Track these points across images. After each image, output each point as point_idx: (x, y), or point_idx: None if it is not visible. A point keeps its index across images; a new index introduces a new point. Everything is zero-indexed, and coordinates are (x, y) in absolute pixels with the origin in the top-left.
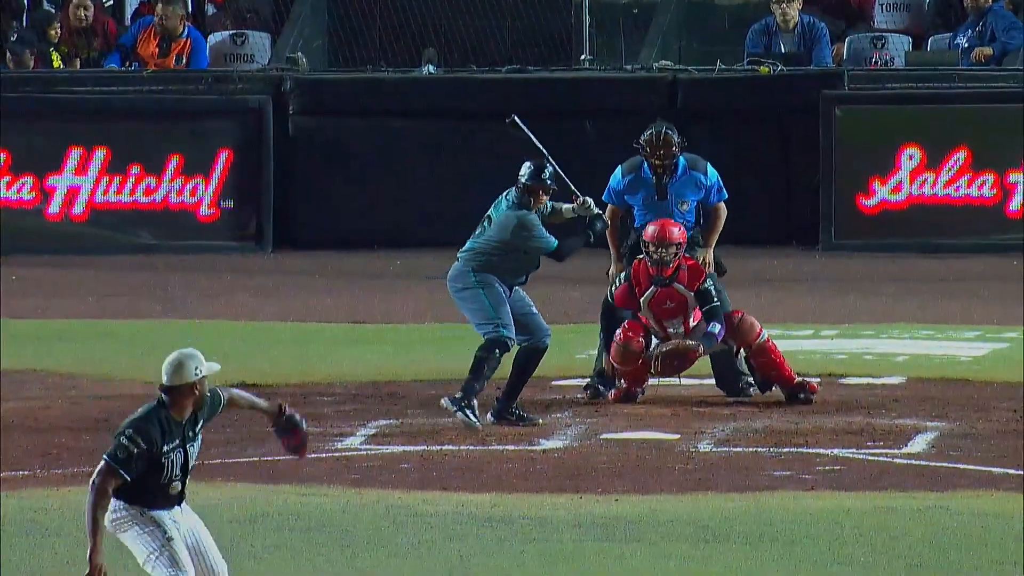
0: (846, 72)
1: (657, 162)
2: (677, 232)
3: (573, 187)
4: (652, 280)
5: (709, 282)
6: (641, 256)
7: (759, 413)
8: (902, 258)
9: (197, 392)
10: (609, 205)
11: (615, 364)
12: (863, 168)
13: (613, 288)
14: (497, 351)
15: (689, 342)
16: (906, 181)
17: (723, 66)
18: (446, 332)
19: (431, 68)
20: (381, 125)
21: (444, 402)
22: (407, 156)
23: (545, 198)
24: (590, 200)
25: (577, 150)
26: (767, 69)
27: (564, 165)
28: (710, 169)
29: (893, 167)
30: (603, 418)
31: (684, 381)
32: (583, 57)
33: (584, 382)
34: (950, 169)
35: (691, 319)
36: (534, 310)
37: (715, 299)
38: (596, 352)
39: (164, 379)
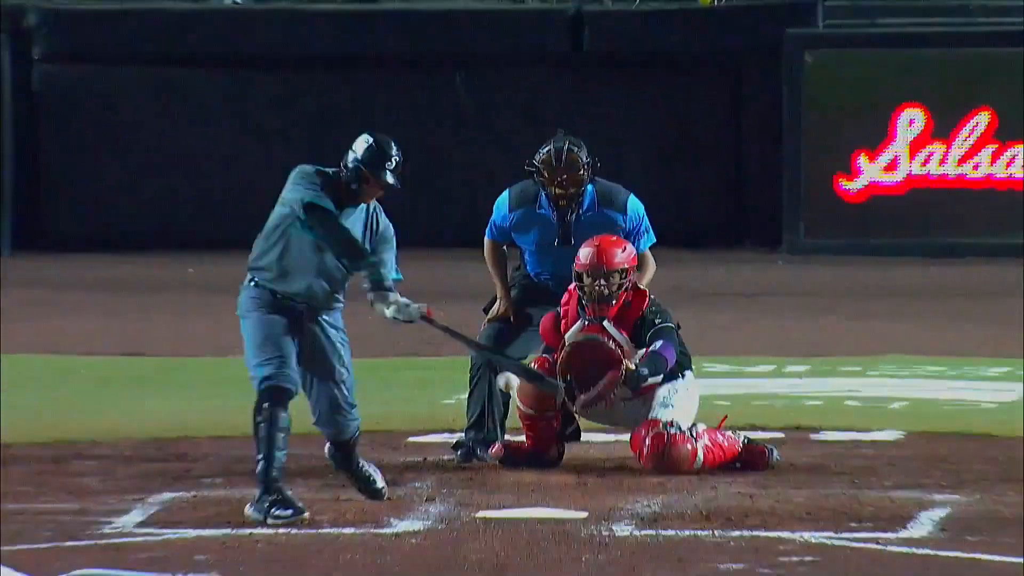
0: (821, 4)
1: (559, 191)
2: (621, 253)
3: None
4: (582, 315)
5: (649, 311)
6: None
7: (699, 482)
8: (898, 264)
9: None
10: (488, 240)
11: (522, 407)
12: (844, 138)
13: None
14: (267, 406)
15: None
16: (904, 156)
17: None
18: None
19: None
20: (164, 77)
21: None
22: (200, 120)
23: (379, 193)
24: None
25: (442, 111)
26: (709, 0)
27: (427, 130)
28: (632, 204)
29: (886, 136)
30: (480, 489)
31: (595, 438)
32: None
33: (454, 438)
34: (965, 139)
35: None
36: (339, 388)
37: (657, 317)
38: (468, 397)
39: None
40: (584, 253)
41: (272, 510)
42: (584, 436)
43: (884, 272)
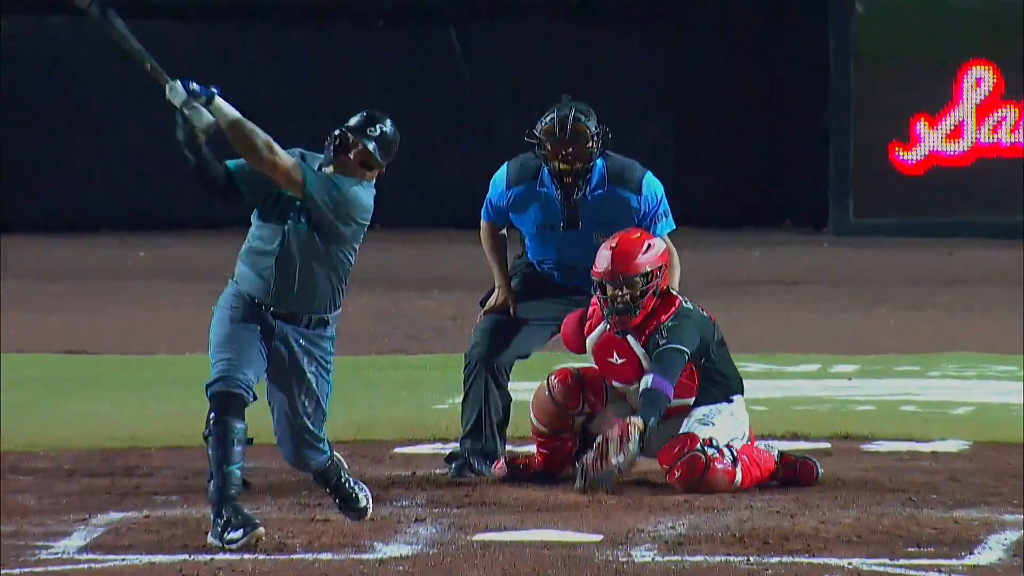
0: None
1: (563, 166)
2: (643, 255)
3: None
4: (607, 322)
5: (666, 324)
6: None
7: (731, 500)
8: (962, 246)
9: None
10: (484, 222)
11: (536, 423)
12: (900, 100)
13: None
14: (214, 417)
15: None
16: (970, 122)
17: None
18: None
19: None
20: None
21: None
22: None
23: (359, 169)
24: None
25: (434, 69)
26: None
27: (417, 91)
28: (648, 182)
29: (948, 99)
30: (477, 508)
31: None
32: None
33: (447, 449)
34: None
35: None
36: (301, 419)
37: (663, 337)
38: (462, 401)
39: None
40: (600, 258)
41: (225, 534)
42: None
43: (946, 256)
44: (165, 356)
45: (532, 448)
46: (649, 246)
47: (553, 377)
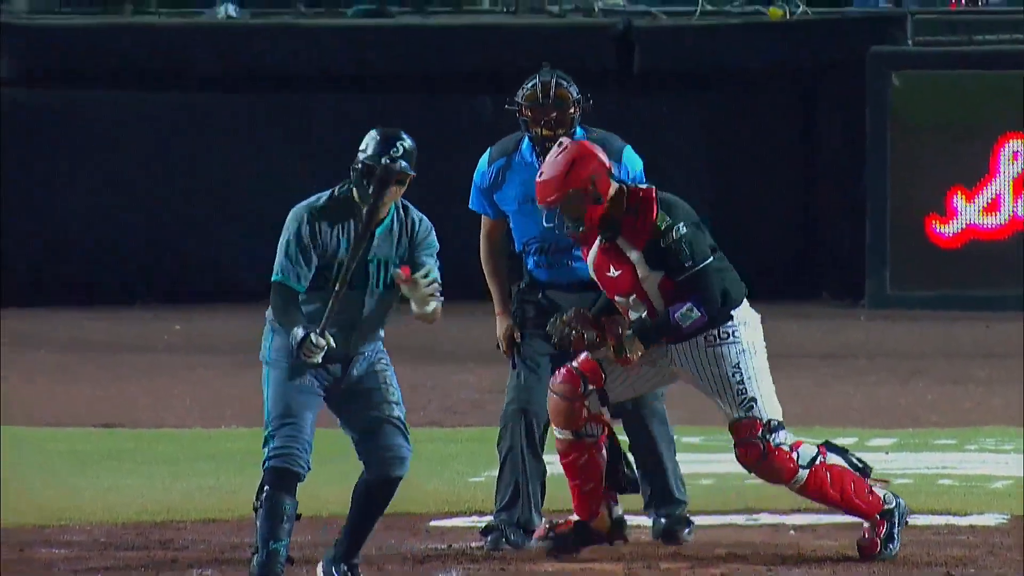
0: (910, 17)
1: (546, 132)
2: (565, 177)
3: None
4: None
5: (677, 228)
6: None
7: (767, 572)
8: (1000, 319)
9: None
10: (483, 217)
11: (555, 432)
12: (937, 173)
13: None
14: (268, 491)
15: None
16: (1007, 194)
17: (708, 6)
18: (257, 441)
19: (231, 9)
20: (145, 102)
21: None
22: (189, 149)
23: (396, 190)
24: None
25: (470, 138)
26: (780, 12)
27: (449, 162)
28: (628, 155)
29: (985, 172)
30: None
31: (648, 522)
32: None
33: (483, 522)
34: None
35: (652, 299)
36: (389, 408)
37: (688, 257)
38: (498, 473)
39: None
40: (536, 189)
41: None
42: (635, 519)
43: (984, 330)
44: (200, 430)
45: (572, 518)
46: (573, 163)
47: (556, 375)
